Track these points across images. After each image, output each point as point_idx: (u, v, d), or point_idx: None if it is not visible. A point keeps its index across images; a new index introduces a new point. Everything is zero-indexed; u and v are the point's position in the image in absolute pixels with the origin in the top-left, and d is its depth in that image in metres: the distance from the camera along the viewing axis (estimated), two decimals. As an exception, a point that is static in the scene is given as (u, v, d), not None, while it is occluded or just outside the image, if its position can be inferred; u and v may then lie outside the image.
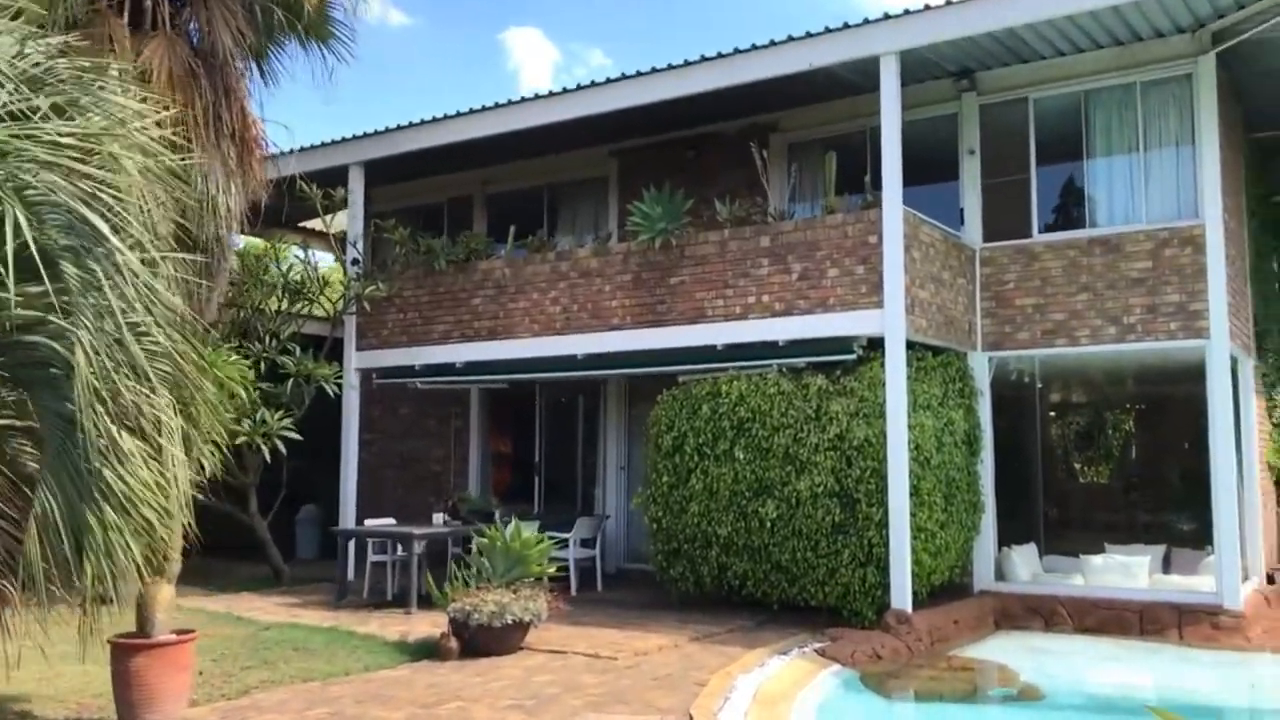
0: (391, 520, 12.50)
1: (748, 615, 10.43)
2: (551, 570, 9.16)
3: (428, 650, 8.67)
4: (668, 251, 11.41)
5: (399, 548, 11.69)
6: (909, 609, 9.69)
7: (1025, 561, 11.75)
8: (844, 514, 9.85)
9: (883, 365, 10.19)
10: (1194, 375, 11.47)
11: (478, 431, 15.48)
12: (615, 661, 8.32)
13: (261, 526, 13.13)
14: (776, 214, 11.25)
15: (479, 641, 8.41)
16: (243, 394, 8.47)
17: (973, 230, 11.87)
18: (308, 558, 15.71)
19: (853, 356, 10.31)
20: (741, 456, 10.36)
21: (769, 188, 11.93)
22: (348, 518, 13.40)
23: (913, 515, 9.80)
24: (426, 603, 10.63)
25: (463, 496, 12.01)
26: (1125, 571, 11.09)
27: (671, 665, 8.22)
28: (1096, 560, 11.38)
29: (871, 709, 7.92)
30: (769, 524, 10.13)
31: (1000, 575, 11.62)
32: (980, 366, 11.74)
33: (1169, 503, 13.32)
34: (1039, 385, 12.67)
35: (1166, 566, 11.75)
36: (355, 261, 13.73)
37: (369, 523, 12.18)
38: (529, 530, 9.51)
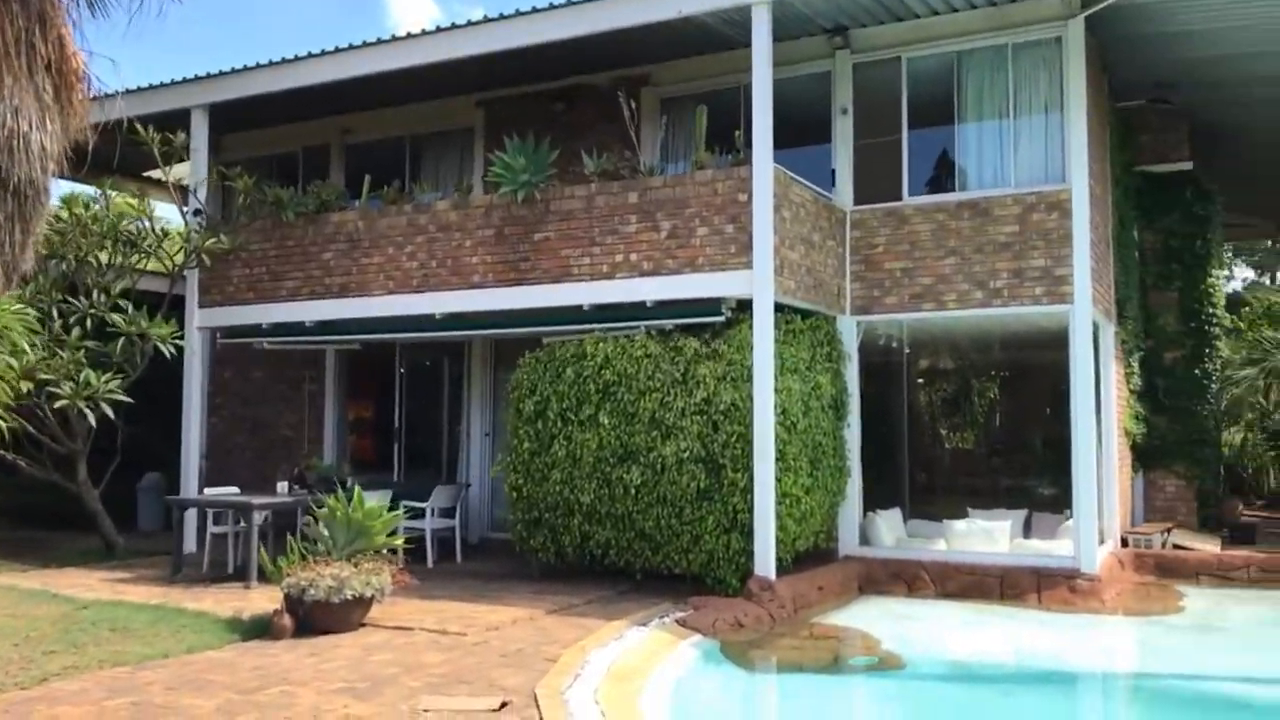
0: (234, 489, 11.70)
1: (609, 585, 10.06)
2: (400, 542, 8.58)
3: (261, 628, 8.02)
4: (532, 206, 10.86)
5: (241, 518, 10.92)
6: (773, 576, 9.45)
7: (890, 527, 11.69)
8: (709, 480, 9.54)
9: (751, 328, 9.88)
10: (1057, 341, 11.52)
11: (334, 396, 14.70)
12: (464, 638, 7.83)
13: (91, 496, 12.15)
14: (646, 169, 10.80)
15: (315, 619, 7.81)
16: (25, 347, 7.60)
17: (844, 192, 11.65)
18: (151, 529, 14.71)
19: (721, 318, 9.97)
20: (606, 421, 9.94)
21: (639, 142, 11.48)
22: (189, 486, 12.54)
23: (778, 481, 9.55)
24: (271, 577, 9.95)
25: (311, 463, 11.31)
26: (987, 536, 11.11)
27: (524, 640, 7.78)
28: (959, 525, 11.38)
29: (730, 682, 7.64)
30: (633, 491, 9.76)
31: (865, 540, 11.52)
32: (849, 330, 11.56)
33: (1031, 468, 13.48)
34: (906, 350, 12.61)
35: (1027, 531, 11.85)
36: (197, 212, 12.77)
37: (209, 492, 11.38)
38: (375, 499, 8.90)
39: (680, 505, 9.61)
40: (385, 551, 8.82)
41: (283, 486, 10.78)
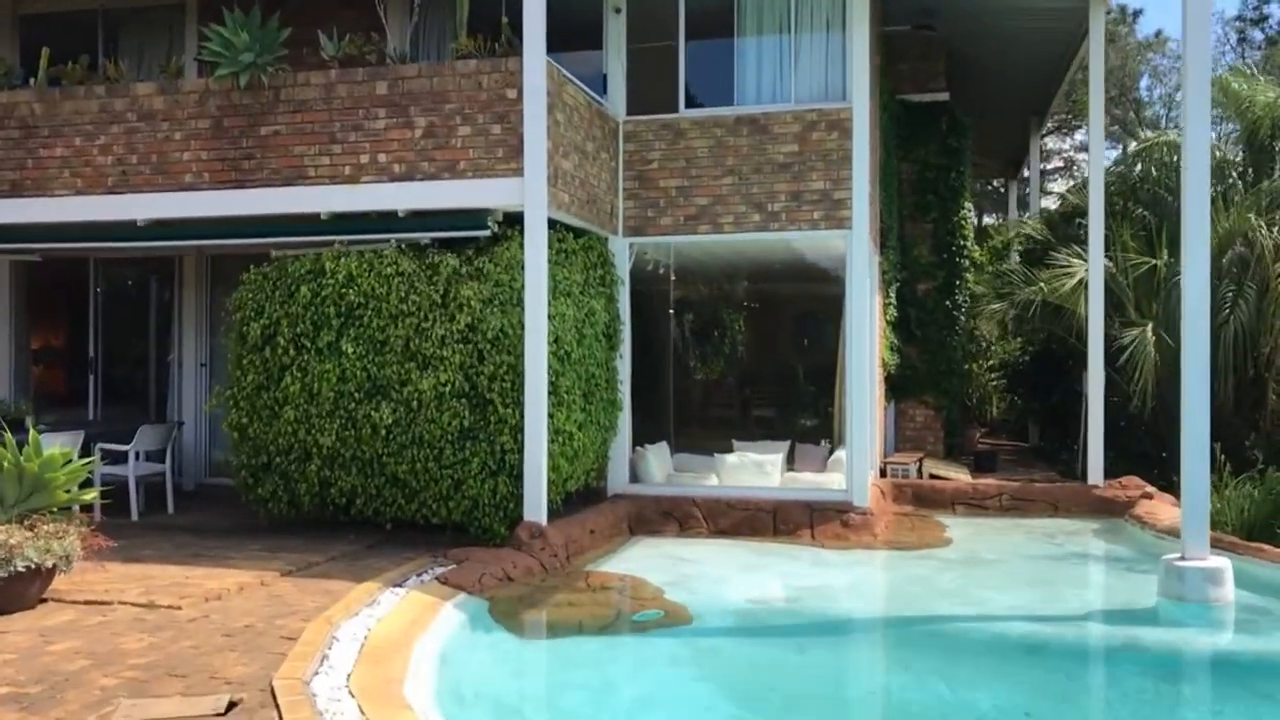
0: None
1: (355, 538, 8.79)
2: (91, 496, 6.92)
3: (-103, 614, 6.22)
4: (258, 93, 9.15)
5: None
6: (543, 521, 8.52)
7: (659, 462, 11.04)
8: (474, 417, 8.42)
9: (521, 245, 8.77)
10: (821, 269, 11.21)
11: (10, 318, 12.28)
12: (177, 613, 6.39)
13: None
14: (397, 56, 9.34)
15: (-25, 599, 6.12)
16: None
17: (616, 100, 10.67)
18: None
19: (487, 232, 8.78)
20: (350, 350, 8.57)
21: (389, 26, 9.96)
22: None
23: (550, 417, 8.58)
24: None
25: (-24, 400, 9.23)
26: (758, 470, 10.68)
27: (254, 612, 6.44)
28: (730, 459, 10.89)
29: (502, 652, 6.65)
30: (383, 431, 8.49)
31: (634, 478, 10.82)
32: (621, 252, 10.68)
33: (794, 398, 13.25)
34: (674, 275, 11.88)
35: (791, 463, 11.55)
36: None
37: None
38: (61, 442, 7.15)
39: (440, 447, 8.44)
40: (75, 509, 7.15)
41: (-65, 429, 8.66)
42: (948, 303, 14.31)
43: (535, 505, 8.48)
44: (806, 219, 10.32)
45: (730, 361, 13.63)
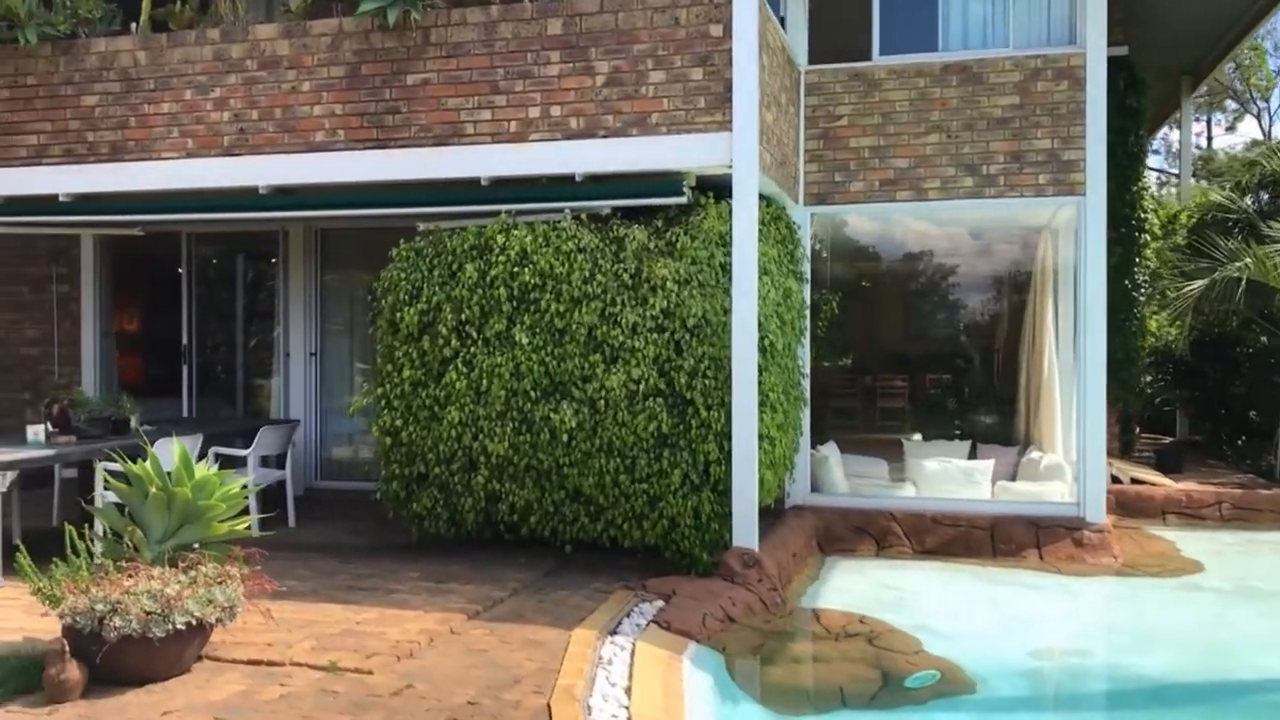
0: (-45, 434, 8.11)
1: (525, 562, 7.42)
2: (247, 525, 5.55)
3: (24, 678, 4.89)
4: (404, 34, 7.73)
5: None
6: (756, 546, 7.12)
7: (840, 467, 9.61)
8: (673, 421, 7.00)
9: (722, 215, 7.35)
10: (1015, 241, 9.76)
11: (95, 300, 10.97)
12: (370, 680, 5.03)
13: None
14: (573, -12, 7.90)
15: (124, 662, 4.77)
16: None
17: (796, 45, 9.16)
18: None
19: (683, 199, 7.33)
20: (525, 340, 7.17)
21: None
22: (-120, 430, 8.75)
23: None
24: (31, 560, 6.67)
25: (76, 398, 7.91)
26: (966, 479, 9.22)
27: (465, 678, 5.07)
28: (931, 465, 9.42)
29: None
30: (564, 437, 7.09)
31: (814, 485, 9.40)
32: (803, 224, 9.22)
33: (971, 391, 11.78)
34: (828, 251, 10.36)
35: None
36: (-121, 29, 8.71)
37: (-85, 440, 7.76)
38: (197, 457, 5.77)
39: (632, 456, 7.04)
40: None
41: (36, 431, 7.35)
42: (1126, 282, 12.70)
43: (746, 527, 7.09)
44: (1029, 183, 8.81)
45: (891, 348, 12.17)
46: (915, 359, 12.63)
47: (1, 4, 8.18)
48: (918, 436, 10.80)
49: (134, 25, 8.46)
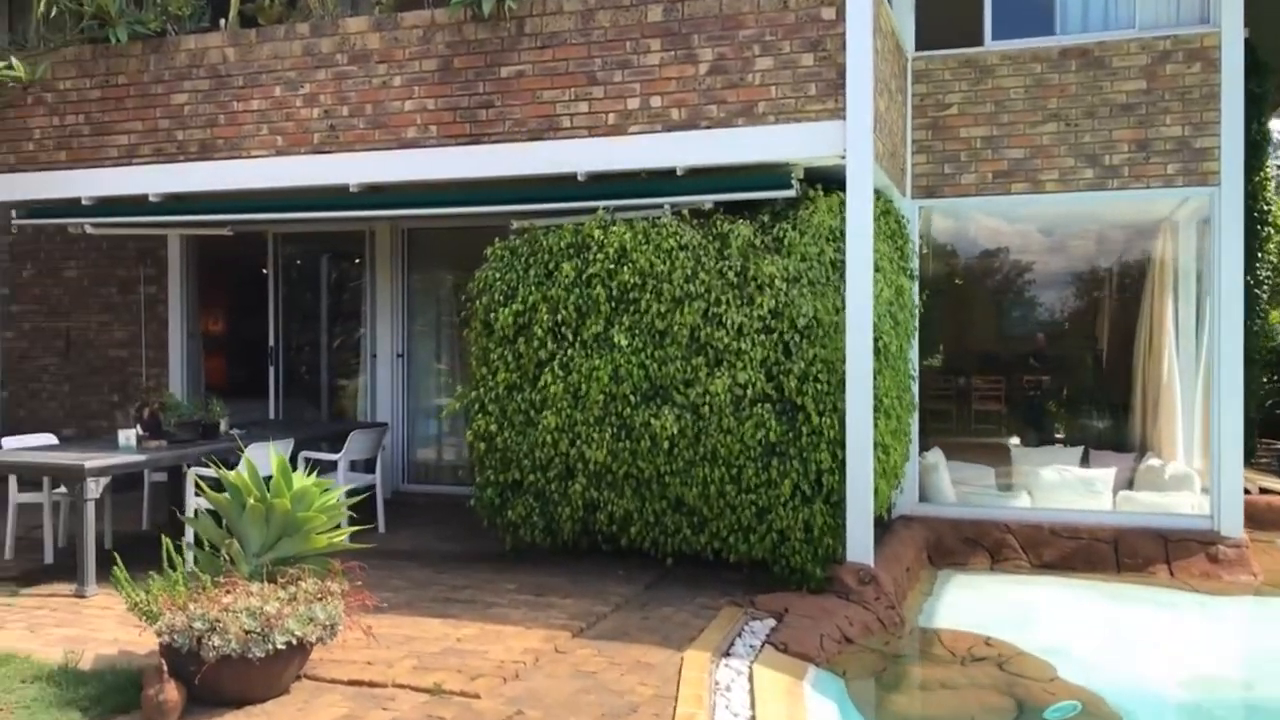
0: (49, 438, 8.02)
1: (625, 574, 7.09)
2: (344, 536, 5.29)
3: (122, 698, 4.69)
4: (497, 25, 7.46)
5: (59, 481, 7.33)
6: (871, 561, 6.70)
7: (948, 475, 9.12)
8: (782, 428, 6.61)
9: (833, 208, 6.95)
10: (1127, 234, 9.19)
11: (182, 302, 10.92)
12: (478, 704, 4.73)
13: None
14: (672, -26, 7.55)
15: (222, 683, 4.53)
16: None
17: (904, 30, 8.70)
18: (-79, 483, 10.73)
19: (791, 192, 6.95)
20: (624, 342, 6.84)
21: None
22: (-25, 433, 8.72)
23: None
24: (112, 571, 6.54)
25: (166, 401, 7.79)
26: (1086, 488, 8.68)
27: (578, 705, 4.75)
28: (1047, 474, 8.89)
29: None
30: (665, 444, 6.74)
31: (921, 494, 8.93)
32: (911, 218, 8.76)
33: (1081, 393, 11.17)
34: (929, 247, 9.86)
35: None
36: (-27, 31, 8.72)
37: (10, 444, 7.69)
38: (273, 455, 5.45)
39: (739, 465, 6.66)
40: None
41: (128, 436, 7.22)
42: (1248, 278, 11.99)
43: (861, 541, 6.67)
44: (1156, 173, 8.25)
45: (983, 347, 11.59)
46: (1010, 359, 12.03)
47: (93, 2, 8.08)
48: (1015, 440, 10.25)
49: (223, 21, 8.31)
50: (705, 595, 6.65)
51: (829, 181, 7.22)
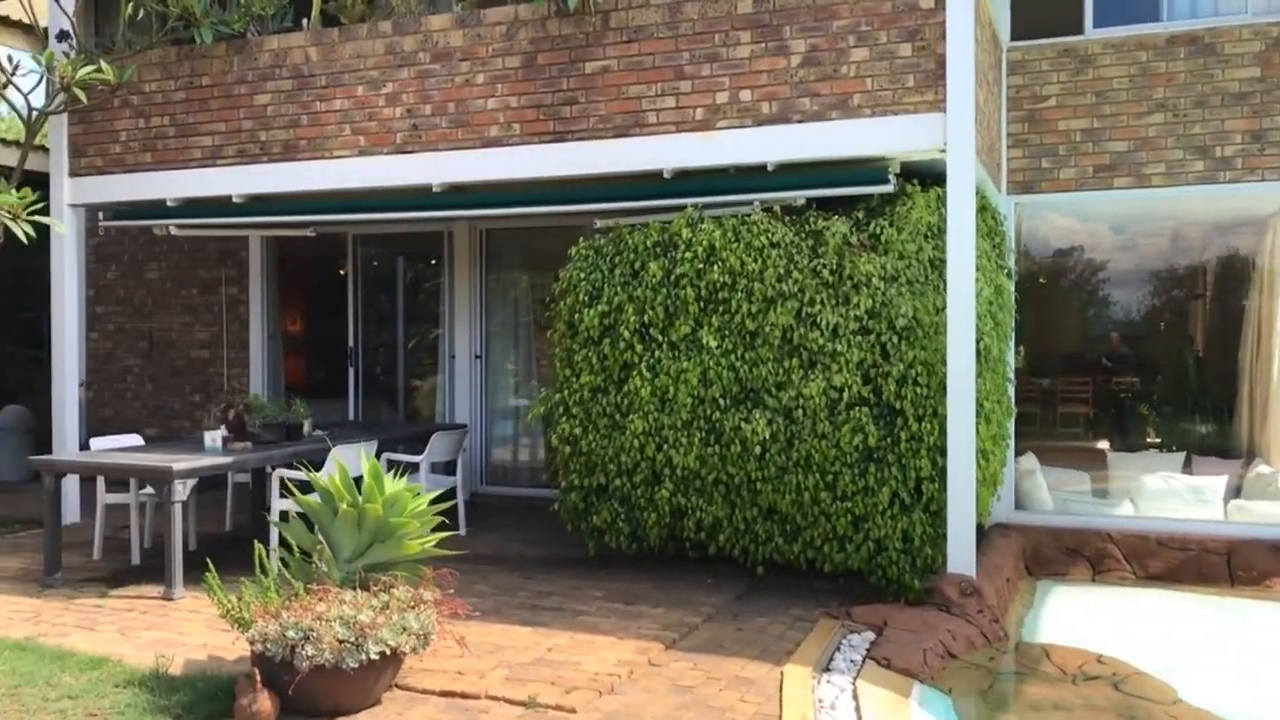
0: (135, 438, 8.06)
1: (714, 583, 6.88)
2: (433, 542, 5.16)
3: (215, 706, 4.61)
4: (582, 19, 7.31)
5: (146, 482, 7.33)
6: (974, 571, 6.42)
7: (1044, 480, 8.77)
8: (881, 433, 6.36)
9: (930, 205, 6.69)
10: (1227, 231, 8.72)
11: (262, 302, 10.97)
12: (572, 718, 4.57)
13: (-84, 449, 8.36)
14: (763, -37, 7.34)
15: (315, 692, 4.43)
16: None
17: (999, 19, 8.37)
18: (11, 481, 10.95)
19: (888, 187, 6.69)
20: (713, 344, 6.64)
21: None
22: (65, 433, 8.82)
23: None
24: (200, 570, 6.51)
25: (250, 402, 7.77)
26: (1195, 497, 8.27)
27: (674, 717, 4.56)
28: (1152, 481, 8.50)
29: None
30: (757, 449, 6.52)
31: (1017, 502, 8.60)
32: (1008, 214, 8.43)
33: (1182, 396, 10.70)
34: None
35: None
36: (64, 35, 8.79)
37: (99, 444, 7.73)
38: (360, 456, 5.33)
39: (834, 471, 6.42)
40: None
41: (214, 437, 7.20)
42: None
43: (962, 551, 6.39)
44: (1272, 165, 7.83)
45: (1069, 347, 11.18)
46: (1098, 360, 11.59)
47: (179, 3, 8.09)
48: (1104, 444, 9.84)
49: (305, 21, 8.28)
50: (799, 606, 6.42)
51: (924, 176, 6.97)
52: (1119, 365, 11.26)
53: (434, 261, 10.78)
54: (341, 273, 10.96)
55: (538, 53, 7.44)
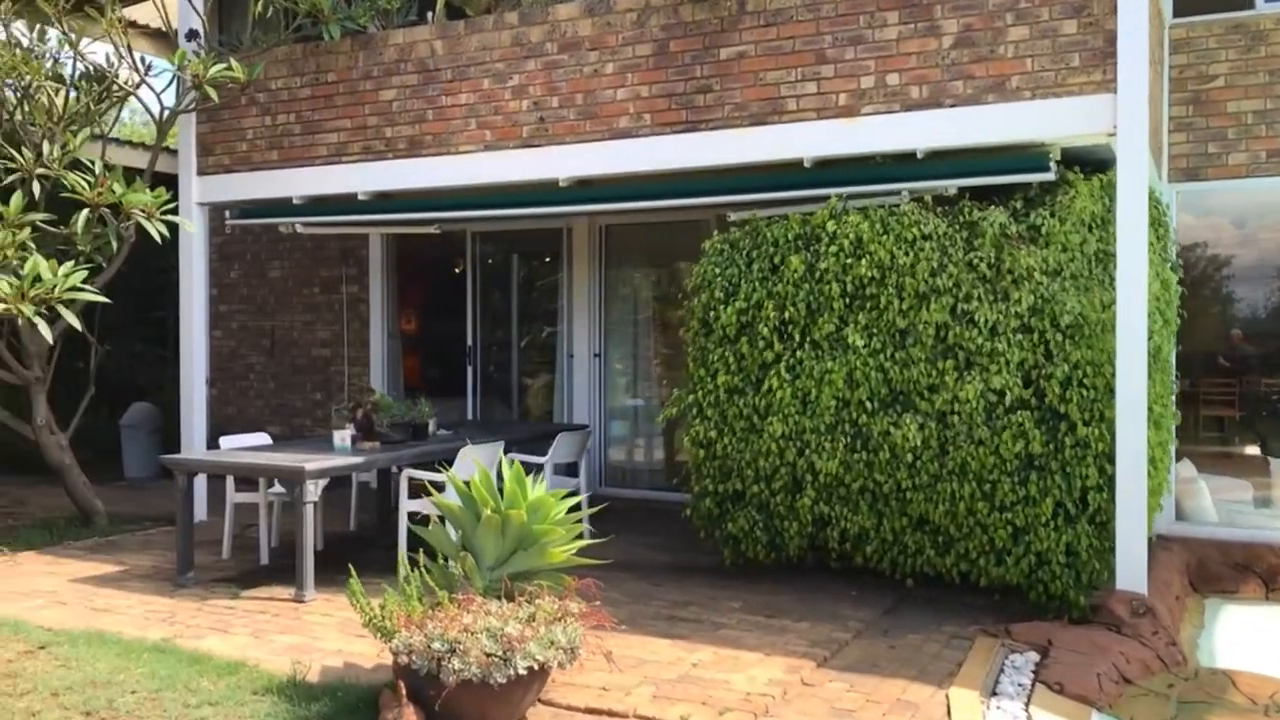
0: (263, 437, 8.03)
1: (858, 596, 6.52)
2: (574, 547, 4.91)
3: (355, 718, 4.44)
4: (717, 4, 7.00)
5: (275, 480, 7.28)
6: (1145, 589, 5.93)
7: (1208, 490, 8.17)
8: (1044, 438, 5.91)
9: (1094, 194, 6.21)
10: None
11: (383, 301, 10.94)
12: (730, 743, 4.28)
13: (55, 446, 8.48)
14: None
15: (462, 708, 4.21)
16: None
17: (1159, -2, 7.81)
18: (141, 477, 11.12)
19: (1050, 175, 6.23)
20: (860, 343, 6.26)
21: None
22: (193, 433, 8.86)
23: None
24: (329, 571, 6.43)
25: (378, 401, 7.68)
26: (1381, 509, 7.59)
27: (840, 748, 4.24)
28: (1330, 491, 7.84)
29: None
30: (907, 456, 6.13)
31: (1178, 512, 8.01)
32: (1170, 203, 7.86)
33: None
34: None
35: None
36: (194, 34, 8.84)
37: (228, 442, 7.71)
38: (484, 456, 5.10)
39: (992, 480, 6.00)
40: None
41: (342, 437, 7.11)
42: None
43: (1133, 567, 5.91)
44: None
45: (1209, 347, 10.45)
46: (1244, 360, 10.82)
47: (307, 1, 8.03)
48: (1254, 450, 9.14)
49: (430, 15, 8.15)
50: (951, 623, 6.02)
51: (1085, 163, 6.50)
52: (1263, 364, 10.48)
53: (548, 259, 10.61)
54: (457, 270, 10.87)
55: (670, 40, 7.17)
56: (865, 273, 6.27)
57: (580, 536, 4.97)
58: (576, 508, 4.96)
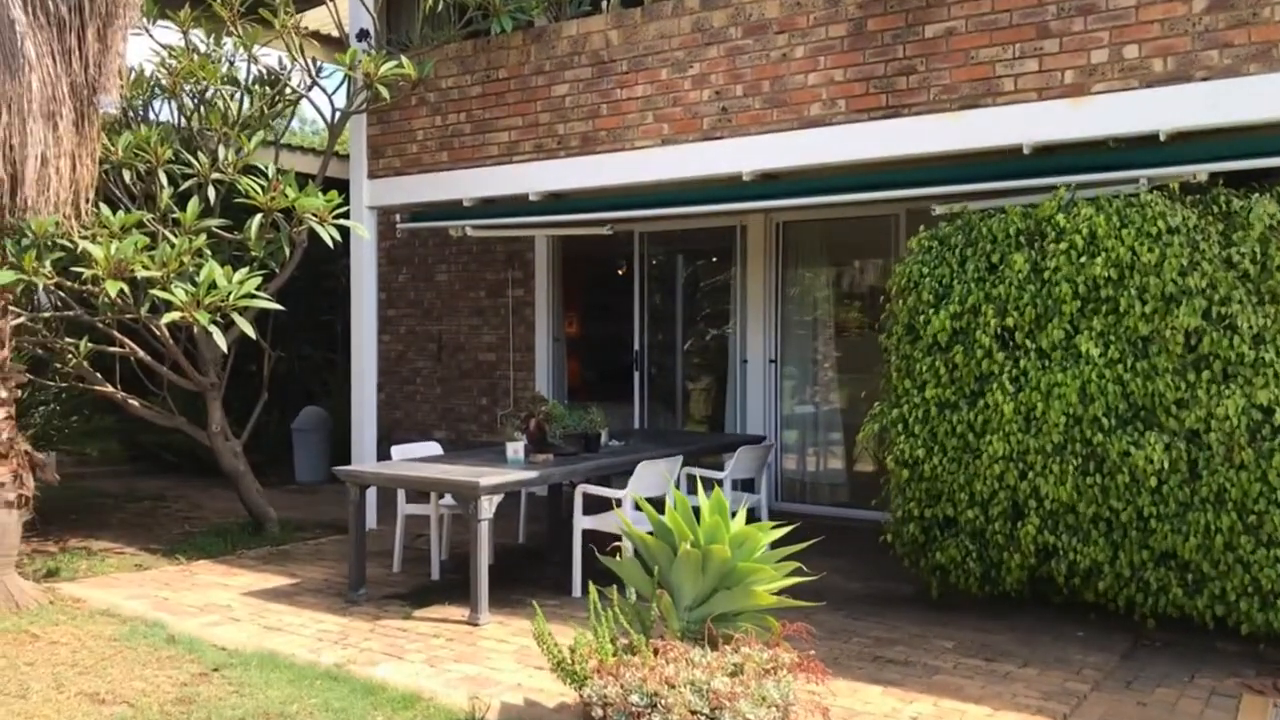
0: (434, 446, 7.77)
1: (1082, 636, 5.75)
2: (782, 584, 4.36)
3: (537, 769, 4.03)
4: (923, -22, 6.34)
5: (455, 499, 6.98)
6: None
7: None
8: (1324, 464, 5.03)
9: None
10: None
11: (548, 304, 10.63)
12: (976, 827, 3.65)
13: (227, 452, 8.44)
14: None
15: (658, 771, 3.72)
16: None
17: None
18: (310, 481, 11.15)
19: (1326, 158, 5.34)
20: (1095, 352, 5.50)
21: None
22: (363, 444, 8.71)
23: None
24: (501, 588, 6.07)
25: (550, 410, 7.29)
26: None
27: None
28: None
29: None
30: (1151, 480, 5.34)
31: None
32: None
33: None
34: None
35: None
36: (364, 34, 8.68)
37: (399, 452, 7.48)
38: (663, 469, 4.56)
39: (1257, 510, 5.15)
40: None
41: (515, 448, 6.74)
42: None
43: None
44: None
45: None
46: None
47: (476, -3, 7.75)
48: None
49: (604, 3, 7.75)
50: (1204, 674, 5.21)
51: (1365, 143, 5.55)
52: None
53: (714, 258, 10.11)
54: (620, 272, 10.47)
55: (867, 18, 6.54)
56: (1101, 272, 5.50)
57: (794, 574, 4.41)
58: (784, 539, 4.35)
